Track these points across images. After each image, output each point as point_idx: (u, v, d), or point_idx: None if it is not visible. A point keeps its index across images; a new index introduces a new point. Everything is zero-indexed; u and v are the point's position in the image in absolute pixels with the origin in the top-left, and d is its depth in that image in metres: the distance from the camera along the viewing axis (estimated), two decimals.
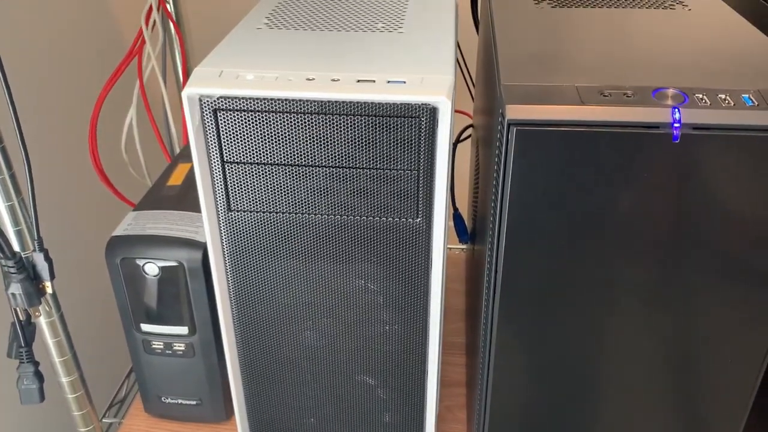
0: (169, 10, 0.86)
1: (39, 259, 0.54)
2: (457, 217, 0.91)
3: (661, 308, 0.47)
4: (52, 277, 0.55)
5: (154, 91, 0.87)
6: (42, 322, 0.60)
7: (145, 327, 0.66)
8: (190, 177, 0.72)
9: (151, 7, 0.84)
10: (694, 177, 0.41)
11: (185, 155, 0.77)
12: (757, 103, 0.40)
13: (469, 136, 0.96)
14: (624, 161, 0.40)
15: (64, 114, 0.92)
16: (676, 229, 0.43)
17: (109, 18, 1.02)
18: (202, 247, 0.61)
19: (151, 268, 0.62)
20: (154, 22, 0.85)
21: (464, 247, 1.02)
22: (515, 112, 0.40)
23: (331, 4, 0.62)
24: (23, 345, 0.60)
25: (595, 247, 0.44)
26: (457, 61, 0.90)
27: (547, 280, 0.46)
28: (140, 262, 0.62)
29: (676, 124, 0.39)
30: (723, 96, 0.40)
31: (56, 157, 0.90)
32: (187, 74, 0.90)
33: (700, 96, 0.40)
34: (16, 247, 0.55)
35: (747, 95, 0.40)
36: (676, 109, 0.39)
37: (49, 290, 0.55)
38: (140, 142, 0.85)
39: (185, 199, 0.68)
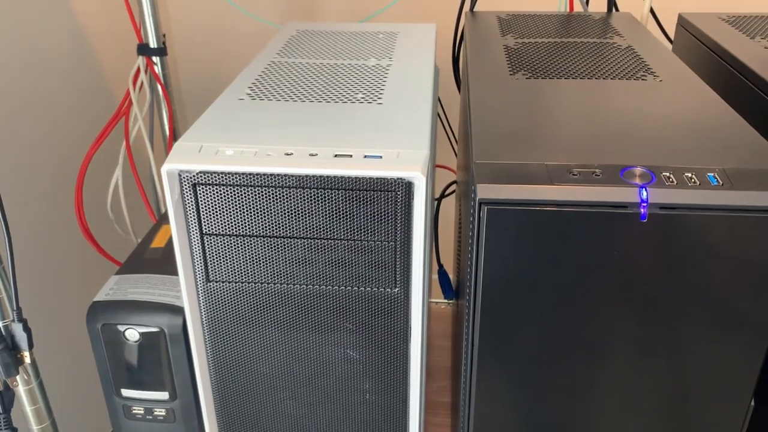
0: (157, 72, 0.88)
1: (18, 329, 0.54)
2: (442, 274, 0.92)
3: (635, 368, 0.47)
4: (31, 346, 0.55)
5: (141, 151, 0.88)
6: (20, 390, 0.60)
7: (126, 392, 0.65)
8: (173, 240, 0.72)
9: (138, 69, 0.86)
10: (662, 254, 0.41)
11: None
12: (721, 183, 0.41)
13: (454, 191, 0.98)
14: (593, 239, 0.41)
15: (50, 173, 0.92)
16: (646, 301, 0.44)
17: (97, 79, 1.03)
18: (183, 312, 0.61)
19: (132, 334, 0.62)
20: (142, 83, 0.86)
21: (452, 301, 1.02)
22: (486, 191, 0.41)
23: (314, 72, 0.63)
24: (1, 412, 0.60)
25: (567, 315, 0.45)
26: (439, 117, 0.92)
27: (524, 345, 0.46)
28: (121, 328, 0.62)
29: (644, 204, 0.40)
30: (689, 174, 0.41)
31: (43, 216, 0.91)
32: (174, 134, 0.91)
33: (667, 174, 0.41)
34: None
35: (712, 174, 0.41)
36: (644, 189, 0.40)
37: (27, 360, 0.55)
38: (126, 201, 0.85)
39: (168, 262, 0.68)
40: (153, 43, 0.87)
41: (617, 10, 0.87)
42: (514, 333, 0.46)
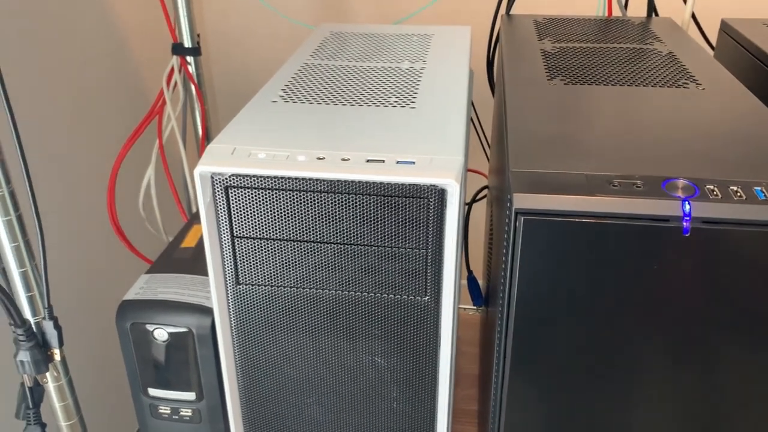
0: (191, 71, 0.88)
1: (48, 327, 0.54)
2: (471, 281, 0.91)
3: (672, 386, 0.45)
4: (61, 344, 0.55)
5: (174, 150, 0.89)
6: (50, 386, 0.60)
7: (153, 392, 0.65)
8: (203, 240, 0.73)
9: (172, 69, 0.86)
10: (704, 269, 0.40)
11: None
12: None
13: (485, 196, 0.96)
14: (632, 252, 0.40)
15: (83, 171, 0.93)
16: (686, 317, 0.42)
17: (131, 78, 1.04)
18: (212, 313, 0.61)
19: (161, 334, 0.62)
20: (176, 83, 0.87)
21: (481, 308, 1.01)
22: (523, 201, 0.40)
23: (347, 75, 0.62)
24: (31, 407, 0.60)
25: (603, 329, 0.44)
26: (472, 120, 0.91)
27: (557, 357, 0.45)
28: (150, 328, 0.62)
29: (686, 218, 0.38)
30: (735, 188, 0.40)
31: (75, 213, 0.92)
32: (206, 134, 0.91)
33: (711, 188, 0.40)
34: (27, 313, 0.56)
35: (759, 188, 0.40)
36: (686, 202, 0.39)
37: (57, 357, 0.55)
38: (158, 200, 0.86)
39: (198, 262, 0.68)
40: (187, 43, 0.87)
41: (657, 15, 0.85)
42: (548, 345, 0.45)
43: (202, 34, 0.90)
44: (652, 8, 0.84)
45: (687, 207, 0.39)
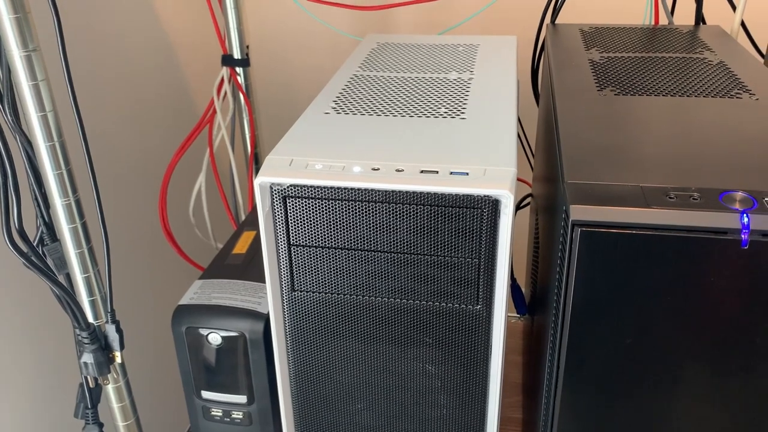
0: (240, 82, 0.90)
1: (111, 330, 0.56)
2: (515, 289, 0.91)
3: (727, 400, 0.45)
4: (122, 347, 0.57)
5: (223, 158, 0.91)
6: (108, 387, 0.62)
7: (206, 394, 0.67)
8: (253, 246, 0.74)
9: (222, 79, 0.88)
10: (763, 283, 0.40)
11: (250, 222, 0.80)
12: None
13: (528, 204, 0.96)
14: (689, 265, 0.40)
15: (137, 179, 0.96)
16: (743, 331, 0.42)
17: (182, 89, 1.07)
18: (264, 318, 0.62)
19: (214, 338, 0.64)
20: (225, 93, 0.89)
21: (524, 316, 1.01)
22: (580, 212, 0.40)
23: (396, 86, 0.64)
24: (89, 407, 0.63)
25: (659, 341, 0.44)
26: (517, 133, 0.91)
27: (611, 369, 0.45)
28: (204, 332, 0.64)
29: (745, 230, 0.39)
30: None
31: (130, 220, 0.95)
32: (255, 143, 0.93)
33: None
34: (90, 317, 0.58)
35: None
36: (745, 214, 0.39)
37: (118, 360, 0.57)
38: (208, 207, 0.88)
39: (249, 268, 0.70)
40: (237, 55, 0.90)
41: (705, 23, 0.84)
42: (602, 357, 0.45)
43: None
44: (699, 16, 0.84)
45: (745, 219, 0.39)
